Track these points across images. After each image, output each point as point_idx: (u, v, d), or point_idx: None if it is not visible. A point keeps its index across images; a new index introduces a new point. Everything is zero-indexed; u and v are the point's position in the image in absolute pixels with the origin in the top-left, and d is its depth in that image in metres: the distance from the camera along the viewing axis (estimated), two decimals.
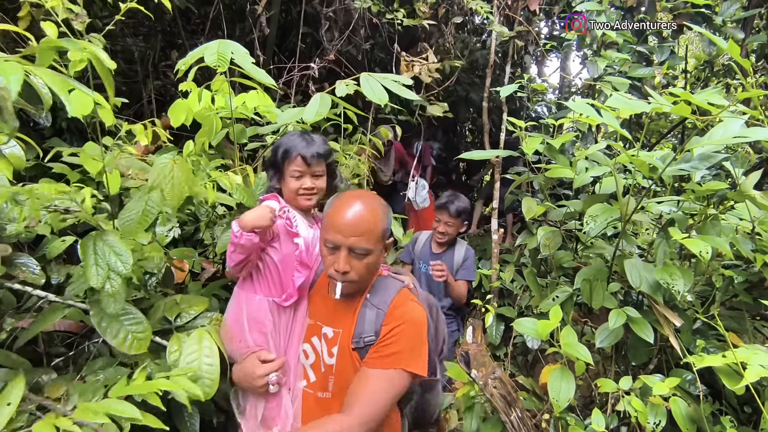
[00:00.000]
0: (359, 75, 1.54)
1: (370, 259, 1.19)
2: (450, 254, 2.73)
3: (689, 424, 1.55)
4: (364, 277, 1.20)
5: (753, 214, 1.78)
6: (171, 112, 1.52)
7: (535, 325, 1.67)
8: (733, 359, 1.41)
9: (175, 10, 3.59)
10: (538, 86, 2.92)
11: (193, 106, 1.52)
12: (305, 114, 1.54)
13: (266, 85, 1.49)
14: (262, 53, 3.43)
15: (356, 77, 1.56)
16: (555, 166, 2.19)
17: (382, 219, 1.21)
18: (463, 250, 2.75)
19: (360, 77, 1.53)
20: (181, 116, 1.53)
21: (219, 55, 1.28)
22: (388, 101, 1.49)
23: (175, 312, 1.42)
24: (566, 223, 2.39)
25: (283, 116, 1.70)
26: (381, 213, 1.21)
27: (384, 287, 1.28)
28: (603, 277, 1.91)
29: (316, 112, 1.53)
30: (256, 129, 1.87)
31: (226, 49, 1.31)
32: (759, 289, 1.82)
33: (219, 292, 1.78)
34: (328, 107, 1.56)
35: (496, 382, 1.84)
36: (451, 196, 2.65)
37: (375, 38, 4.06)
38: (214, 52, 1.30)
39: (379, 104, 1.49)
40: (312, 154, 1.38)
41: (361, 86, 1.50)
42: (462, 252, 2.74)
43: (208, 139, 1.62)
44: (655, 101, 1.50)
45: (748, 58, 3.02)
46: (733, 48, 1.44)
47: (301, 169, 1.38)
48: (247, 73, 1.39)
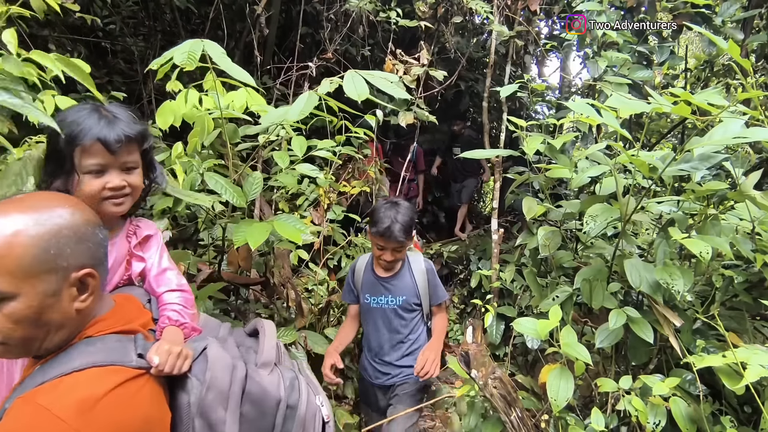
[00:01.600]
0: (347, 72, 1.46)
1: (11, 307, 0.74)
2: (403, 276, 2.03)
3: (689, 424, 1.56)
4: (10, 336, 0.75)
5: (753, 214, 1.78)
6: (158, 115, 1.50)
7: (534, 325, 1.67)
8: (733, 359, 1.41)
9: (175, 10, 3.60)
10: (538, 86, 2.92)
11: (180, 107, 1.50)
12: (290, 112, 1.45)
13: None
14: (262, 53, 3.43)
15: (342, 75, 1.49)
16: (555, 166, 2.19)
17: (29, 245, 0.74)
18: (420, 264, 2.06)
19: (345, 74, 1.45)
20: (168, 118, 1.51)
21: (189, 55, 1.23)
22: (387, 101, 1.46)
23: None
24: (566, 223, 2.39)
25: (270, 116, 1.62)
26: (27, 235, 0.74)
27: (78, 356, 0.78)
28: (603, 277, 1.92)
29: (301, 111, 1.44)
30: (247, 129, 1.82)
31: (197, 49, 1.26)
32: (759, 289, 1.82)
33: (215, 294, 1.77)
34: (313, 105, 1.47)
35: (496, 381, 1.85)
36: (389, 210, 1.89)
37: (375, 38, 4.06)
38: (184, 51, 1.25)
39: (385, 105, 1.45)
40: (118, 137, 0.98)
41: (343, 83, 1.43)
42: (420, 268, 2.04)
43: (200, 139, 1.60)
44: (655, 101, 1.50)
45: (748, 58, 3.02)
46: (733, 48, 1.44)
47: (103, 160, 0.99)
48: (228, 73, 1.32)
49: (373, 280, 2.04)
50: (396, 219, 1.85)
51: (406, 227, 1.88)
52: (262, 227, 1.46)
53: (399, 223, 1.85)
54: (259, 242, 1.41)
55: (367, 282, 2.06)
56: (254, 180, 1.60)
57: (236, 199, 1.48)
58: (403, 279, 2.02)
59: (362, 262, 2.13)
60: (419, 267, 2.04)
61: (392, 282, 2.01)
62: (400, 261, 2.02)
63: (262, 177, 1.64)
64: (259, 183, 1.61)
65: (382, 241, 1.90)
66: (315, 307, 2.34)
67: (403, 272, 2.04)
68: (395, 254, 1.93)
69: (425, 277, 2.03)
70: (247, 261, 1.91)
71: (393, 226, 1.84)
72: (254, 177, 1.62)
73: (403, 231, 1.87)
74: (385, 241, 1.88)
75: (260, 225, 1.48)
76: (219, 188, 1.47)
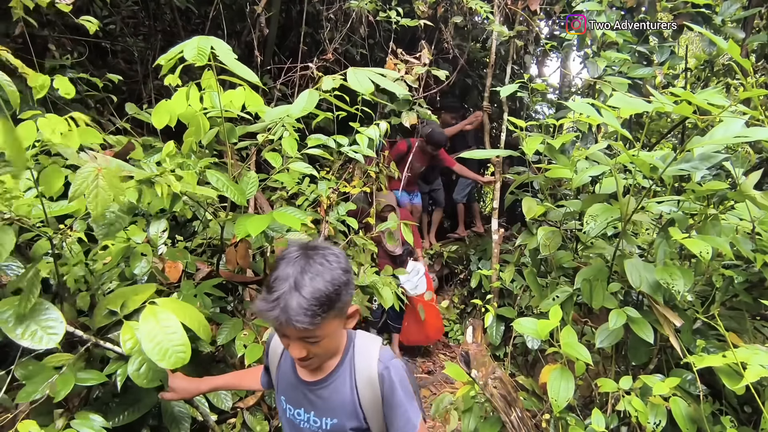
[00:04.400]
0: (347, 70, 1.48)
1: None
2: (337, 384, 1.12)
3: (689, 424, 1.56)
4: None
5: (753, 214, 1.78)
6: (154, 115, 1.50)
7: (535, 325, 1.67)
8: (733, 359, 1.41)
9: (175, 10, 3.60)
10: (538, 86, 2.92)
11: (175, 107, 1.49)
12: (292, 109, 1.47)
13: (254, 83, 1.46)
14: (262, 53, 3.43)
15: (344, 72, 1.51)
16: (555, 166, 2.19)
17: None
18: (370, 365, 1.12)
19: (347, 71, 1.48)
20: (163, 118, 1.51)
21: (199, 50, 1.24)
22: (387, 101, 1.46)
23: (119, 302, 1.30)
24: (566, 223, 2.39)
25: (271, 113, 1.62)
26: None
27: None
28: (603, 277, 1.91)
29: (302, 107, 1.45)
30: (245, 128, 1.83)
31: (206, 45, 1.27)
32: (759, 289, 1.82)
33: (211, 290, 1.77)
34: (315, 102, 1.48)
35: (496, 382, 1.85)
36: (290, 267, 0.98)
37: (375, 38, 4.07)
38: (194, 47, 1.26)
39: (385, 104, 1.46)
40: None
41: (348, 79, 1.46)
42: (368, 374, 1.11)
43: (196, 138, 1.60)
44: (656, 101, 1.50)
45: (748, 58, 3.02)
46: (733, 48, 1.44)
47: None
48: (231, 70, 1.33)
49: (292, 381, 1.18)
50: (299, 286, 0.95)
51: (323, 301, 0.95)
52: (262, 218, 1.49)
53: (304, 296, 0.94)
54: (260, 230, 1.42)
55: (284, 379, 1.21)
56: (250, 179, 1.63)
57: (237, 196, 1.49)
58: (337, 391, 1.11)
59: (276, 340, 1.26)
60: (367, 372, 1.10)
61: (318, 392, 1.13)
62: (331, 356, 1.12)
63: (260, 176, 1.66)
64: (255, 182, 1.64)
65: (276, 325, 0.99)
66: None
67: (337, 376, 1.12)
68: (309, 347, 1.02)
69: (376, 391, 1.10)
70: (246, 259, 1.91)
71: (289, 301, 0.94)
72: (249, 176, 1.64)
73: (318, 308, 0.95)
74: (279, 326, 0.98)
75: (260, 216, 1.51)
76: (221, 186, 1.48)
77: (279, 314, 0.94)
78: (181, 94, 1.50)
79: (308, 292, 0.95)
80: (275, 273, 1.00)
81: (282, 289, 0.95)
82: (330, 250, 1.04)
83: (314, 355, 1.05)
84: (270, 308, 0.95)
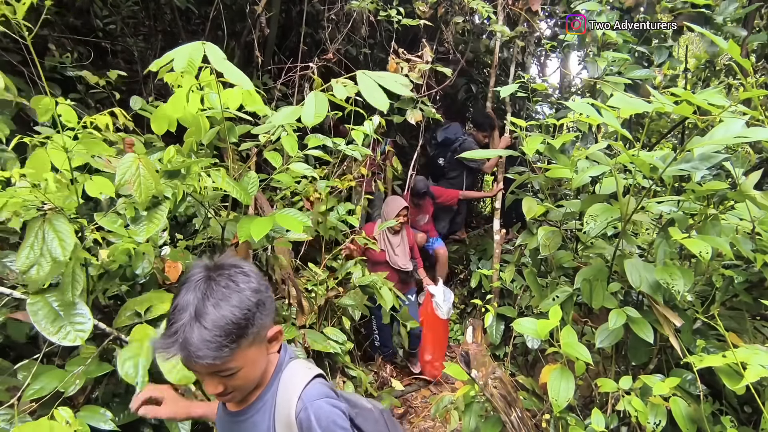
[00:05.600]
0: (355, 73, 1.38)
1: None
2: (258, 419, 0.99)
3: (689, 424, 1.56)
4: None
5: (753, 214, 1.78)
6: (153, 120, 1.50)
7: (535, 325, 1.68)
8: (733, 359, 1.41)
9: (175, 10, 3.60)
10: (539, 86, 2.92)
11: (175, 110, 1.48)
12: (303, 116, 1.41)
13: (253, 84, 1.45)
14: (262, 53, 3.43)
15: (352, 75, 1.41)
16: (555, 166, 2.19)
17: None
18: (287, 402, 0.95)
19: (357, 75, 1.37)
20: (163, 125, 1.50)
21: (188, 62, 1.23)
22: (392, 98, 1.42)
23: (145, 305, 1.39)
24: (566, 223, 2.39)
25: (278, 116, 1.58)
26: None
27: None
28: (603, 277, 1.92)
29: (314, 113, 1.39)
30: (247, 128, 1.81)
31: (197, 55, 1.24)
32: (759, 289, 1.82)
33: None
34: (326, 108, 1.43)
35: (496, 381, 1.85)
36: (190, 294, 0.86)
37: (375, 38, 4.06)
38: (184, 57, 1.23)
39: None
40: None
41: (360, 89, 1.36)
42: (286, 413, 0.94)
43: (196, 139, 1.61)
44: (656, 101, 1.50)
45: (748, 58, 3.01)
46: (733, 48, 1.44)
47: None
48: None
49: (221, 411, 1.10)
50: (200, 315, 0.83)
51: (230, 330, 0.84)
52: (264, 221, 1.52)
53: (206, 327, 0.83)
54: (263, 234, 1.45)
55: (220, 408, 1.11)
56: (250, 179, 1.65)
57: (242, 196, 1.51)
58: (255, 427, 0.99)
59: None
60: (286, 412, 0.94)
61: (240, 423, 1.02)
62: (255, 385, 0.98)
63: (261, 177, 1.67)
64: (255, 182, 1.65)
65: (183, 361, 0.87)
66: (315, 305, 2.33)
67: (256, 410, 1.00)
68: (225, 381, 0.90)
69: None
70: (247, 259, 1.91)
71: (189, 335, 0.82)
72: (250, 176, 1.66)
73: (224, 338, 0.83)
74: (185, 363, 0.87)
75: (262, 219, 1.54)
76: (225, 185, 1.50)
77: (178, 350, 0.82)
78: (178, 96, 1.49)
79: (210, 321, 0.82)
80: (175, 301, 0.86)
81: (181, 320, 0.82)
82: (238, 269, 0.90)
83: (233, 389, 0.92)
84: (167, 345, 0.82)
